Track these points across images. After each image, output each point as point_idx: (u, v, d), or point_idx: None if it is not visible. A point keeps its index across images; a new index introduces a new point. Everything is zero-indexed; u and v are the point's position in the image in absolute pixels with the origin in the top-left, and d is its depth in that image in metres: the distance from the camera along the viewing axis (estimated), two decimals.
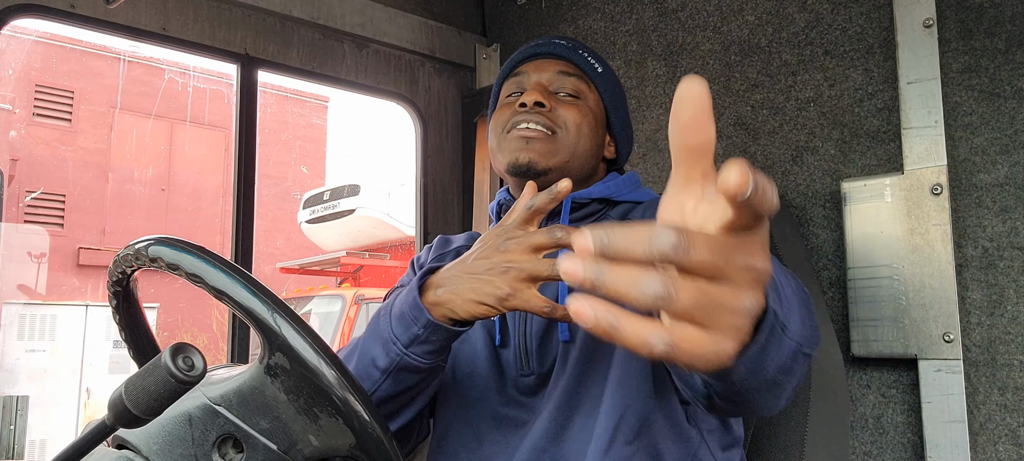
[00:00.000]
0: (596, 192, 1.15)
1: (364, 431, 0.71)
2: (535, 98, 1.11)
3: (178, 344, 0.62)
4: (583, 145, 1.13)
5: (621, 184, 1.17)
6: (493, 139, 1.17)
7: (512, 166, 1.10)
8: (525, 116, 1.11)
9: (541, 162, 1.09)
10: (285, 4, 1.86)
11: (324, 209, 10.68)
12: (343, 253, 9.48)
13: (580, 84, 1.17)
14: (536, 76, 1.17)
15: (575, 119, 1.12)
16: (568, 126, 1.12)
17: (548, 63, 1.18)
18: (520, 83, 1.18)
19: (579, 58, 1.19)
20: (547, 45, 1.20)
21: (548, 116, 1.11)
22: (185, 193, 15.02)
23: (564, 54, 1.19)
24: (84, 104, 14.13)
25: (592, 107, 1.17)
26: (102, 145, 14.23)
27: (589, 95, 1.18)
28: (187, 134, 15.17)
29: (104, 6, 1.59)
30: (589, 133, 1.14)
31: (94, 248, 13.72)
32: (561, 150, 1.11)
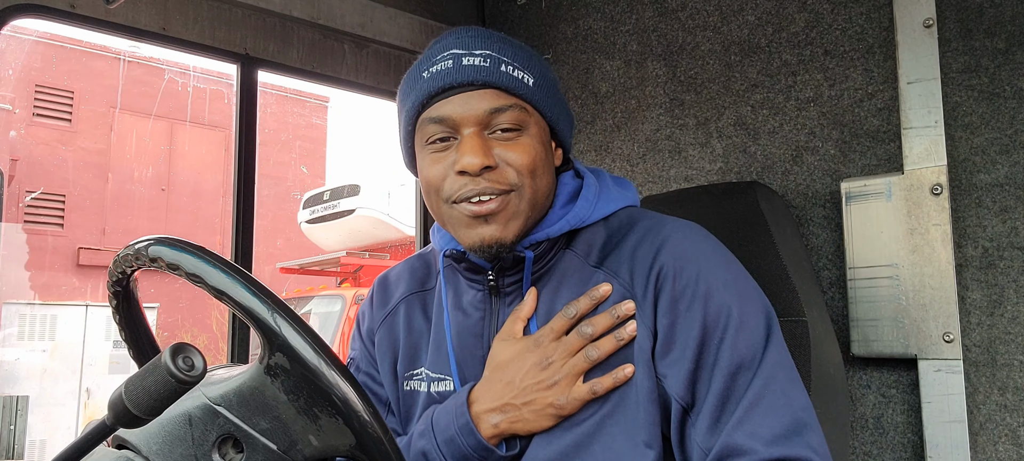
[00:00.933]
0: (557, 230, 1.01)
1: (364, 431, 0.71)
2: (479, 163, 0.93)
3: (178, 344, 0.62)
4: (541, 187, 0.99)
5: (583, 207, 1.03)
6: (434, 202, 1.00)
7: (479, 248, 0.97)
8: (472, 187, 0.94)
9: (508, 235, 0.96)
10: (285, 4, 1.86)
11: (324, 209, 10.69)
12: (343, 253, 9.48)
13: (518, 114, 0.97)
14: (463, 119, 0.96)
15: (526, 163, 0.96)
16: (521, 177, 0.96)
17: (473, 97, 0.96)
18: (443, 127, 0.97)
19: (506, 79, 0.96)
20: (462, 71, 0.96)
21: (497, 178, 0.95)
22: (185, 193, 15.03)
23: (489, 80, 0.96)
24: (84, 104, 14.14)
25: (536, 134, 0.99)
26: (102, 145, 14.23)
27: (529, 120, 0.98)
28: (187, 134, 15.17)
29: (104, 6, 1.60)
30: (543, 170, 0.99)
31: (94, 248, 13.72)
32: (521, 208, 0.97)
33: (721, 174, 1.80)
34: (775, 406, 0.88)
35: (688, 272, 0.94)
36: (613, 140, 2.01)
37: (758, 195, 1.44)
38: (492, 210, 0.95)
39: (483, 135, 0.96)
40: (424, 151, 1.00)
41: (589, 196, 1.04)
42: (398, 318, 1.15)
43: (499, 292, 1.04)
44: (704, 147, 1.83)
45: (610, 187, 1.08)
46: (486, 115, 0.96)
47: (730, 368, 0.90)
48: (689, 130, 1.86)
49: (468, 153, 0.94)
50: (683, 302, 0.93)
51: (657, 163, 1.92)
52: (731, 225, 1.43)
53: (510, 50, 1.00)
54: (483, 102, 0.96)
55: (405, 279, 1.18)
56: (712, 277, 0.94)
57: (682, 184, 1.86)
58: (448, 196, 0.97)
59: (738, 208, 1.44)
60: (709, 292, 0.93)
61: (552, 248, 1.03)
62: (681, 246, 0.97)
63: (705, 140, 1.83)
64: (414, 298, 1.15)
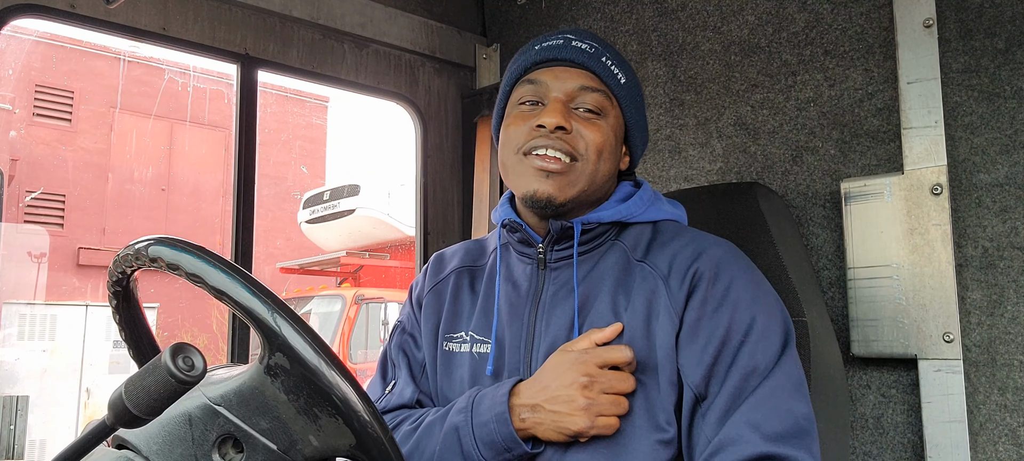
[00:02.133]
0: (607, 216, 1.10)
1: (364, 431, 0.71)
2: (556, 122, 1.04)
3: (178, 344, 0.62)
4: (603, 169, 1.08)
5: (635, 204, 1.12)
6: (507, 155, 1.10)
7: (531, 199, 1.06)
8: (545, 141, 1.05)
9: (560, 196, 1.05)
10: (285, 4, 1.86)
11: (324, 209, 10.69)
12: (343, 253, 9.49)
13: (603, 100, 1.09)
14: (556, 88, 1.08)
15: (596, 143, 1.06)
16: (589, 152, 1.06)
17: (569, 73, 1.08)
18: (537, 92, 1.09)
19: (603, 69, 1.09)
20: (568, 50, 1.10)
21: (568, 142, 1.05)
22: (185, 193, 15.02)
23: (587, 63, 1.09)
24: (84, 104, 14.13)
25: (613, 125, 1.10)
26: (102, 145, 14.23)
27: (611, 111, 1.10)
28: (187, 134, 15.17)
29: (104, 6, 1.60)
30: (609, 156, 1.09)
31: (94, 248, 13.72)
32: (580, 179, 1.06)
33: (721, 174, 1.80)
34: (778, 409, 0.94)
35: (722, 280, 1.01)
36: None
37: (758, 195, 1.44)
38: (555, 169, 1.04)
39: (567, 106, 1.07)
40: (514, 110, 1.12)
41: (644, 198, 1.14)
42: (447, 286, 1.22)
43: (546, 265, 1.11)
44: (704, 147, 1.83)
45: (663, 201, 1.18)
46: (575, 90, 1.08)
47: (745, 370, 0.96)
48: (689, 130, 1.86)
49: (550, 113, 1.05)
50: (712, 303, 1.00)
51: (657, 163, 1.92)
52: (731, 225, 1.43)
53: (614, 52, 1.13)
54: (577, 79, 1.08)
55: (459, 255, 1.26)
56: (742, 289, 1.01)
57: (682, 184, 1.86)
58: (520, 145, 1.07)
59: (738, 208, 1.44)
60: (738, 301, 1.00)
61: (602, 235, 1.10)
62: (719, 257, 1.04)
63: (705, 140, 1.83)
64: (464, 271, 1.23)
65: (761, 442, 0.91)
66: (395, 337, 1.25)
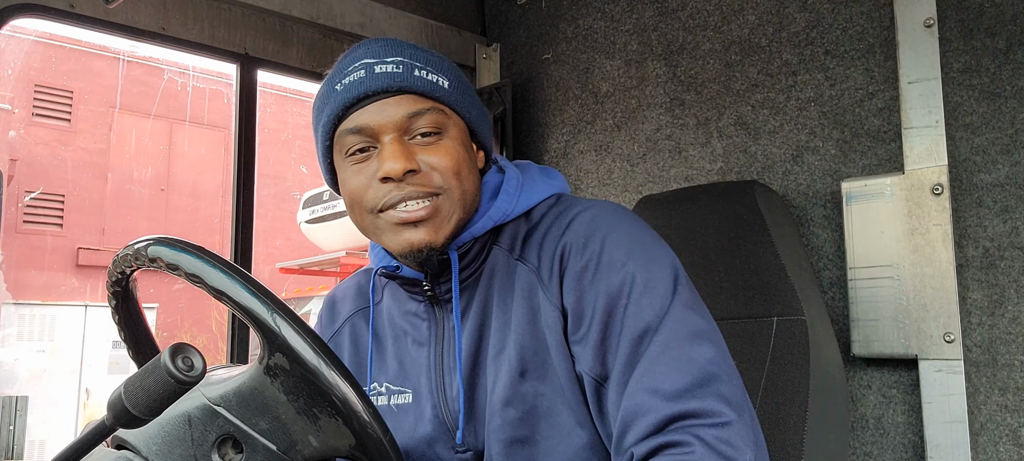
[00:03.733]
0: (480, 228, 1.00)
1: (364, 431, 0.71)
2: (402, 166, 0.91)
3: (177, 344, 0.62)
4: (468, 189, 0.97)
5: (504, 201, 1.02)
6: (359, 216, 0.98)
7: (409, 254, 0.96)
8: (397, 191, 0.93)
9: (439, 238, 0.95)
10: (285, 4, 1.86)
11: (324, 209, 10.68)
12: (343, 253, 9.48)
13: (436, 116, 0.96)
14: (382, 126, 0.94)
15: (450, 166, 0.94)
16: (446, 180, 0.94)
17: (388, 104, 0.94)
18: (362, 137, 0.95)
19: (421, 83, 0.96)
20: (375, 79, 0.95)
21: (423, 183, 0.93)
22: (185, 193, 15.02)
23: (404, 85, 0.95)
24: (83, 104, 14.13)
25: (457, 136, 0.98)
26: (101, 145, 14.23)
27: (448, 122, 0.97)
28: (187, 134, 15.17)
29: (104, 6, 1.59)
30: (468, 171, 0.98)
31: (93, 248, 13.72)
32: (452, 211, 0.95)
33: (721, 174, 1.79)
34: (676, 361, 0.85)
35: (591, 246, 0.93)
36: (613, 140, 2.01)
37: (758, 195, 1.44)
38: (421, 217, 0.93)
39: (403, 140, 0.95)
40: (344, 164, 0.98)
41: (510, 190, 1.03)
42: (343, 337, 1.15)
43: (438, 300, 1.04)
44: (704, 147, 1.83)
45: (534, 178, 1.06)
46: (404, 120, 0.94)
47: (635, 333, 0.88)
48: (689, 130, 1.86)
49: (389, 158, 0.92)
50: (587, 276, 0.92)
51: (657, 163, 1.92)
52: (731, 225, 1.43)
53: (422, 55, 0.99)
54: (400, 107, 0.94)
55: (351, 297, 1.18)
56: (615, 247, 0.93)
57: (682, 184, 1.86)
58: (373, 206, 0.95)
59: (738, 208, 1.44)
60: (611, 261, 0.92)
61: (483, 247, 1.02)
62: (585, 223, 0.96)
63: (705, 140, 1.83)
64: (359, 315, 1.15)
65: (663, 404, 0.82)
66: None
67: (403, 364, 1.07)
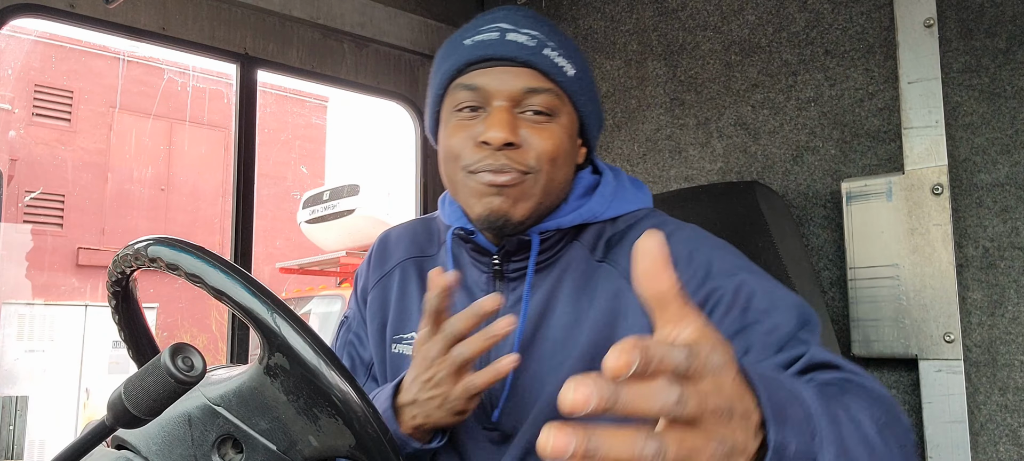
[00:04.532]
0: (568, 221, 1.00)
1: (364, 431, 0.71)
2: (503, 137, 0.92)
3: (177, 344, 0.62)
4: (558, 177, 0.98)
5: (598, 203, 1.03)
6: (451, 170, 0.99)
7: (484, 220, 0.96)
8: (491, 159, 0.93)
9: (516, 213, 0.95)
10: (285, 4, 1.86)
11: (323, 209, 10.68)
12: (343, 253, 9.47)
13: (552, 100, 0.96)
14: (497, 94, 0.95)
15: (549, 151, 0.95)
16: (541, 163, 0.95)
17: (509, 73, 0.95)
18: (476, 96, 0.96)
19: (548, 63, 0.96)
20: (505, 45, 0.96)
21: (517, 159, 0.94)
22: (185, 193, 15.02)
23: (530, 59, 0.95)
24: (83, 104, 14.13)
25: (566, 125, 0.98)
26: (101, 145, 14.23)
27: (562, 109, 0.98)
28: (187, 134, 15.17)
29: (104, 6, 1.59)
30: (564, 161, 0.98)
31: (93, 248, 13.72)
32: (535, 193, 0.95)
33: (721, 174, 1.80)
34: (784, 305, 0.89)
35: (698, 258, 0.94)
36: (613, 140, 2.01)
37: (758, 195, 1.44)
38: (507, 182, 0.93)
39: (513, 112, 0.95)
40: (451, 117, 0.99)
41: (605, 193, 1.04)
42: (393, 280, 1.13)
43: (503, 277, 1.03)
44: (704, 147, 1.83)
45: (627, 187, 1.07)
46: (521, 93, 0.95)
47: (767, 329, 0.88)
48: (689, 130, 1.86)
49: (495, 126, 0.93)
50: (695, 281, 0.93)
51: (657, 163, 1.92)
52: (731, 225, 1.43)
53: (557, 37, 0.99)
54: (520, 80, 0.95)
55: (405, 242, 1.16)
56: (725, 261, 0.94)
57: (682, 184, 1.86)
58: (465, 164, 0.96)
59: (738, 208, 1.44)
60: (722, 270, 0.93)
61: (560, 239, 1.02)
62: (690, 240, 0.98)
63: (705, 140, 1.83)
64: (411, 263, 1.14)
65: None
66: (340, 334, 1.18)
67: None
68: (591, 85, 1.04)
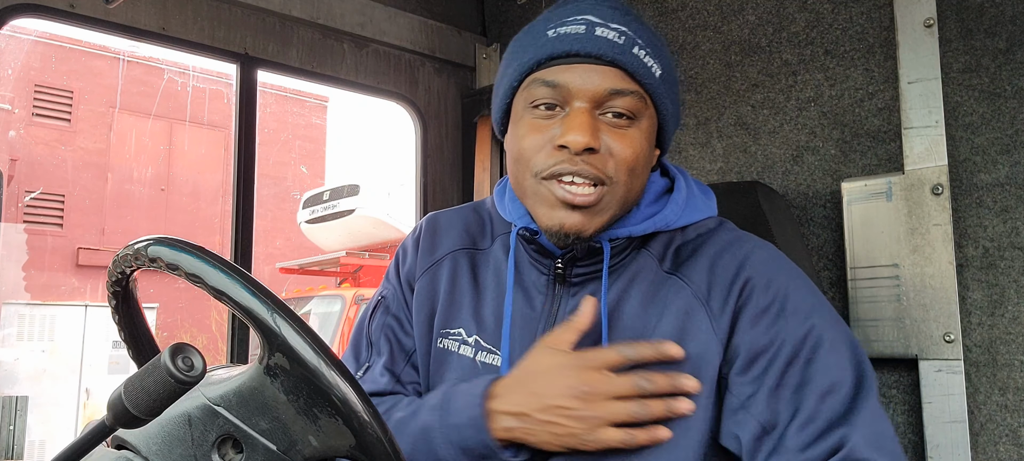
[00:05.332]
0: (640, 230, 0.96)
1: (364, 431, 0.71)
2: (585, 142, 0.86)
3: (177, 344, 0.62)
4: (636, 187, 0.93)
5: (671, 212, 0.97)
6: (523, 175, 0.93)
7: (556, 234, 0.92)
8: (569, 163, 0.88)
9: (588, 229, 0.91)
10: (285, 4, 1.86)
11: (324, 209, 10.68)
12: (343, 253, 9.48)
13: (636, 102, 0.90)
14: (580, 94, 0.89)
15: (629, 159, 0.89)
16: (619, 174, 0.90)
17: (594, 72, 0.89)
18: (555, 94, 0.90)
19: (636, 63, 0.89)
20: (593, 42, 0.89)
21: (596, 165, 0.88)
22: (185, 193, 15.03)
23: (618, 59, 0.89)
24: (83, 104, 14.14)
25: (646, 129, 0.92)
26: (101, 145, 14.23)
27: (645, 112, 0.92)
28: (187, 134, 15.17)
29: (104, 6, 1.59)
30: (642, 170, 0.93)
31: (93, 248, 13.72)
32: (610, 206, 0.91)
33: (721, 174, 1.80)
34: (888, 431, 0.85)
35: (775, 288, 0.91)
36: None
37: (758, 195, 1.44)
38: (584, 203, 0.89)
39: (594, 114, 0.89)
40: (525, 114, 0.93)
41: (679, 201, 0.99)
42: (442, 270, 1.07)
43: (566, 281, 0.98)
44: (704, 147, 1.83)
45: (696, 195, 1.03)
46: (605, 94, 0.89)
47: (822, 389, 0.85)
48: (689, 130, 1.86)
49: (576, 129, 0.87)
50: (769, 317, 0.89)
51: None
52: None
53: (646, 34, 0.93)
54: (606, 80, 0.89)
55: (457, 231, 1.10)
56: (800, 298, 0.91)
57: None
58: (539, 170, 0.90)
59: (738, 208, 1.44)
60: (797, 310, 0.89)
61: (628, 246, 0.97)
62: (767, 263, 0.94)
63: (705, 140, 1.83)
64: (462, 254, 1.07)
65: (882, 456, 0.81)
66: (377, 316, 1.11)
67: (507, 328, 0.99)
68: (675, 86, 0.99)
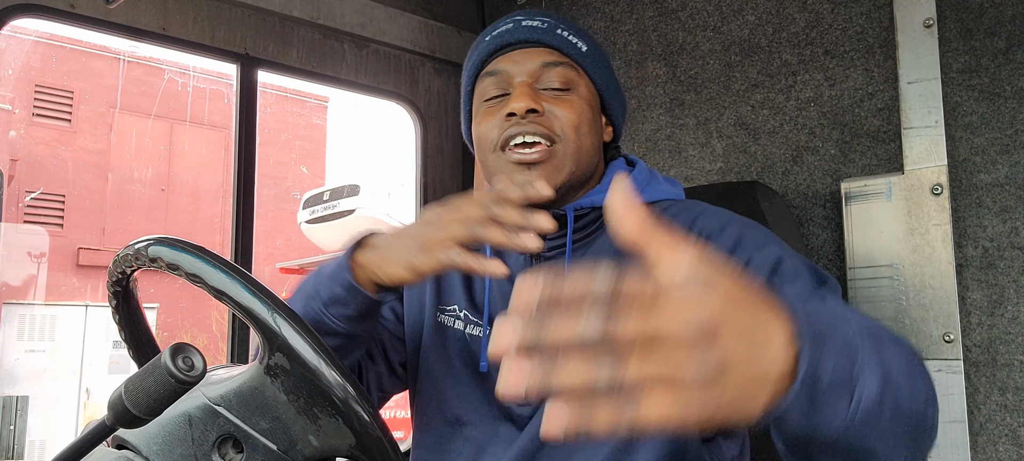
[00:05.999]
0: (602, 199, 1.03)
1: (364, 431, 0.71)
2: (526, 105, 0.98)
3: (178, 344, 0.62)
4: (585, 146, 1.02)
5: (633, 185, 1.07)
6: (484, 154, 1.05)
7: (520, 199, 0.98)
8: (519, 128, 0.99)
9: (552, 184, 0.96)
10: (285, 4, 1.86)
11: (324, 209, 10.68)
12: None
13: (568, 72, 1.03)
14: (518, 72, 1.02)
15: (572, 119, 1.00)
16: (566, 131, 1.00)
17: (526, 54, 1.03)
18: (499, 82, 1.04)
19: (560, 40, 1.04)
20: (521, 31, 1.04)
21: (543, 124, 0.99)
22: (185, 193, 15.02)
23: (543, 39, 1.03)
24: (84, 104, 14.13)
25: (585, 97, 1.04)
26: (102, 145, 14.23)
27: (579, 82, 1.04)
28: (187, 134, 15.17)
29: (104, 6, 1.59)
30: (588, 130, 1.03)
31: (94, 248, 13.72)
32: (565, 161, 1.00)
33: (721, 174, 1.80)
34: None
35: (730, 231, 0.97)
36: None
37: (758, 195, 1.44)
38: (536, 159, 0.98)
39: (534, 87, 1.02)
40: (480, 108, 1.06)
41: (639, 178, 1.08)
42: None
43: (538, 255, 1.05)
44: (704, 147, 1.83)
45: (660, 180, 1.12)
46: (538, 69, 1.02)
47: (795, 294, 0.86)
48: (689, 130, 1.86)
49: (516, 98, 0.99)
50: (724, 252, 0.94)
51: (657, 163, 1.92)
52: None
53: (570, 23, 1.07)
54: (536, 58, 1.03)
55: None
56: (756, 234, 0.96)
57: (682, 184, 1.86)
58: (495, 142, 1.01)
59: (738, 208, 1.44)
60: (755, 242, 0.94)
61: (595, 221, 1.05)
62: (720, 215, 1.01)
63: (705, 140, 1.83)
64: None
65: None
66: None
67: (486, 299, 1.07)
68: (606, 62, 1.09)
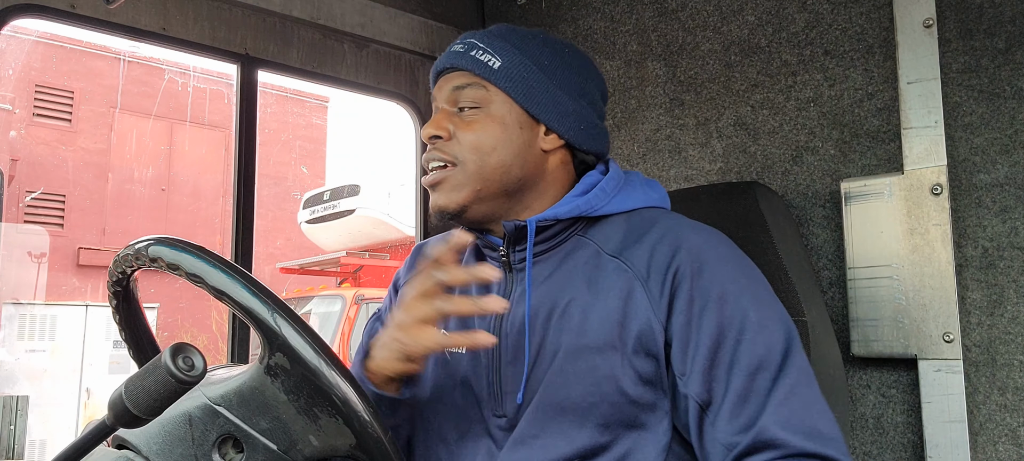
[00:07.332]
0: (564, 212, 1.05)
1: (364, 431, 0.71)
2: (431, 132, 1.06)
3: (178, 344, 0.62)
4: (492, 162, 1.04)
5: (597, 197, 1.07)
6: None
7: (434, 214, 1.08)
8: (428, 154, 1.07)
9: (450, 203, 1.05)
10: (285, 4, 1.86)
11: (324, 209, 10.68)
12: (343, 253, 9.48)
13: (477, 92, 1.06)
14: (441, 98, 1.10)
15: (472, 140, 1.04)
16: (465, 153, 1.04)
17: (447, 79, 1.09)
18: (435, 109, 1.11)
19: (471, 61, 1.07)
20: (446, 57, 1.10)
21: (444, 150, 1.05)
22: (185, 193, 15.03)
23: (457, 63, 1.08)
24: (84, 104, 14.14)
25: (496, 112, 1.06)
26: (102, 145, 14.23)
27: (492, 99, 1.06)
28: (187, 134, 15.17)
29: (104, 6, 1.60)
30: (496, 145, 1.04)
31: (94, 248, 13.72)
32: (466, 181, 1.04)
33: (721, 174, 1.80)
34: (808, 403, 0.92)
35: (706, 275, 0.97)
36: (613, 140, 2.01)
37: (758, 195, 1.44)
38: (434, 181, 1.06)
39: (449, 112, 1.08)
40: None
41: (607, 189, 1.09)
42: None
43: (511, 267, 1.09)
44: (704, 147, 1.83)
45: (636, 187, 1.12)
46: (451, 92, 1.08)
47: (750, 367, 0.92)
48: (689, 130, 1.86)
49: (427, 125, 1.07)
50: (697, 304, 0.96)
51: (657, 163, 1.92)
52: (731, 225, 1.43)
53: (493, 41, 1.08)
54: (450, 82, 1.09)
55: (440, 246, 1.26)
56: (729, 282, 0.97)
57: (682, 184, 1.86)
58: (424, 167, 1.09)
59: (738, 208, 1.44)
60: (724, 295, 0.96)
61: (564, 231, 1.07)
62: (700, 250, 1.00)
63: (705, 140, 1.83)
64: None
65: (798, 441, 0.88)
66: (369, 325, 1.25)
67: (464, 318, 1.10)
68: (530, 73, 1.07)
